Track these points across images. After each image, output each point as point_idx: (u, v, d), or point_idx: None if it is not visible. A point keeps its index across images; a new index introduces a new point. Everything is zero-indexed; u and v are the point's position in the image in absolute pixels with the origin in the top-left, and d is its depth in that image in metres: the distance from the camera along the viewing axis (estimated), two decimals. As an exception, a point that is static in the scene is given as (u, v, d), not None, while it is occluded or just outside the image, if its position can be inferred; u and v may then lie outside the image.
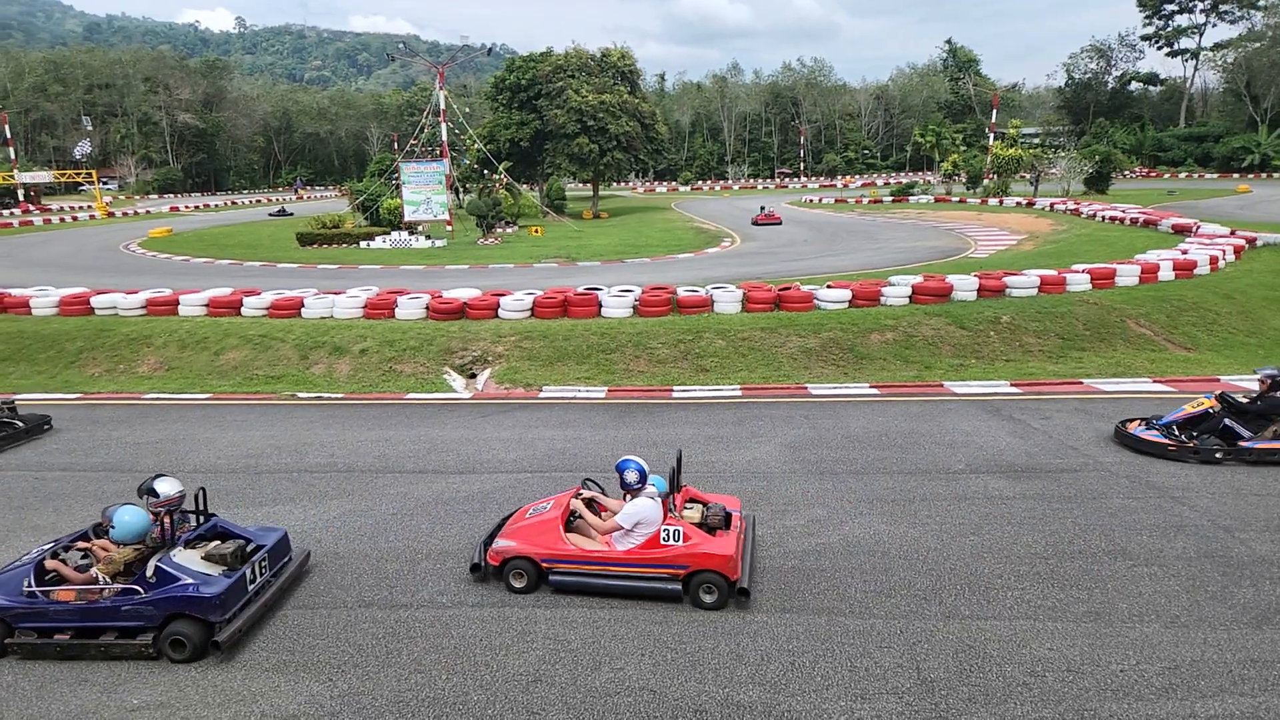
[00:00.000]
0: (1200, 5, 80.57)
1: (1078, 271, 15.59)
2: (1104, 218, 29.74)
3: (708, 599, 5.64)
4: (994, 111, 55.61)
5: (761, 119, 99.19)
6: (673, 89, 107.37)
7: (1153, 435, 8.55)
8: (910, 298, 14.54)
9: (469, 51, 52.73)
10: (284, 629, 5.58)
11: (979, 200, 43.09)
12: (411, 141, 41.41)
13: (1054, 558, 6.38)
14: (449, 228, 34.72)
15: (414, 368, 12.79)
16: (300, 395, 11.94)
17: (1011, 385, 11.63)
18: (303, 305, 14.82)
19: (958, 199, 45.39)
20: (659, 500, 5.89)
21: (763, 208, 40.96)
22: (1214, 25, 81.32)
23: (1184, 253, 18.04)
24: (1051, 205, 35.86)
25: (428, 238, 31.97)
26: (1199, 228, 23.10)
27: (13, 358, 13.86)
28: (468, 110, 45.90)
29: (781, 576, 6.15)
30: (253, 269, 25.31)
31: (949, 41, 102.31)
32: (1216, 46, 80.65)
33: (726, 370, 12.45)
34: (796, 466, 8.51)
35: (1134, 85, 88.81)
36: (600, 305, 14.35)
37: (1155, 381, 11.72)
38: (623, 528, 5.81)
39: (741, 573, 5.72)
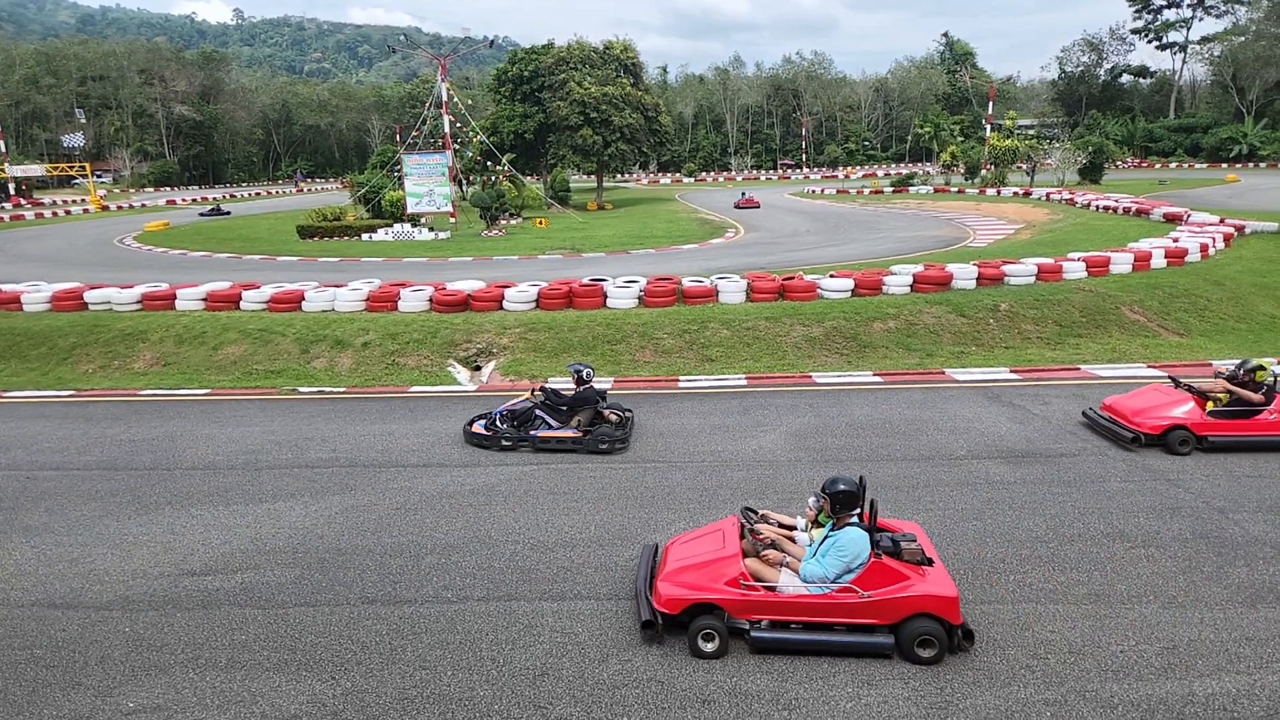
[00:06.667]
0: (1187, 0, 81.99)
1: (1073, 260, 15.69)
2: (1098, 207, 29.84)
3: None
4: (990, 104, 55.62)
5: (764, 111, 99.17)
6: (675, 81, 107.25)
7: (479, 427, 9.09)
8: (911, 286, 14.60)
9: (471, 44, 52.52)
10: (285, 627, 5.51)
11: (977, 190, 43.10)
12: (414, 134, 41.27)
13: (1054, 541, 6.44)
14: (452, 220, 34.63)
15: (418, 360, 12.80)
16: (301, 389, 11.92)
17: (1011, 371, 11.70)
18: (303, 299, 14.78)
19: (956, 189, 45.41)
20: None
21: (744, 193, 46.90)
22: (1200, 19, 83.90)
23: (1175, 241, 18.20)
24: (1047, 195, 36.00)
25: (431, 230, 31.91)
26: (1189, 216, 23.29)
27: (3, 355, 13.68)
28: (470, 102, 45.81)
29: (786, 564, 6.19)
30: (252, 262, 25.23)
31: (946, 35, 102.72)
32: (1203, 40, 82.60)
33: (732, 360, 12.49)
34: (802, 455, 8.56)
35: (1125, 78, 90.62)
36: (605, 296, 14.35)
37: (1150, 366, 11.82)
38: None
39: None
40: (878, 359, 12.48)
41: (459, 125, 38.81)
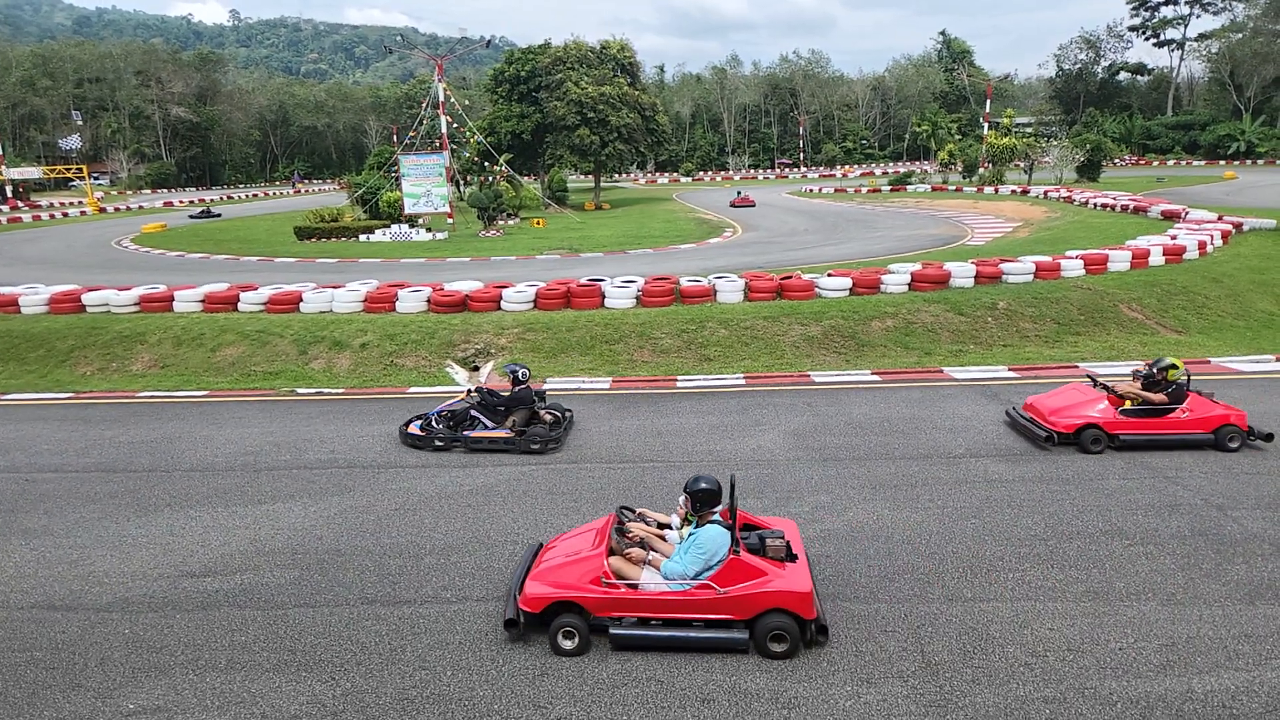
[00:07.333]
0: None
1: (1071, 258, 15.71)
2: (1096, 204, 29.90)
3: None
4: (988, 101, 55.56)
5: (761, 110, 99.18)
6: (672, 80, 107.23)
7: (414, 427, 9.10)
8: (909, 285, 14.63)
9: (467, 44, 52.38)
10: (284, 628, 5.52)
11: (975, 189, 43.16)
12: (410, 134, 41.21)
13: (1053, 539, 6.45)
14: (450, 220, 34.59)
15: (416, 361, 12.80)
16: (300, 391, 11.92)
17: (1009, 370, 11.71)
18: (301, 300, 14.78)
19: (954, 187, 45.48)
20: None
21: (739, 192, 46.83)
22: (1198, 16, 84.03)
23: (1173, 238, 18.23)
24: (1045, 193, 36.10)
25: (428, 230, 31.87)
26: (1187, 214, 23.32)
27: (1, 357, 13.68)
28: (467, 103, 45.70)
29: (785, 563, 6.19)
30: (249, 264, 25.18)
31: (943, 33, 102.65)
32: (1201, 37, 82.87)
33: (730, 359, 12.49)
34: (800, 454, 8.56)
35: (1122, 75, 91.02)
36: (603, 296, 14.36)
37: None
38: None
39: None
40: (876, 358, 12.49)
41: (456, 126, 38.74)
